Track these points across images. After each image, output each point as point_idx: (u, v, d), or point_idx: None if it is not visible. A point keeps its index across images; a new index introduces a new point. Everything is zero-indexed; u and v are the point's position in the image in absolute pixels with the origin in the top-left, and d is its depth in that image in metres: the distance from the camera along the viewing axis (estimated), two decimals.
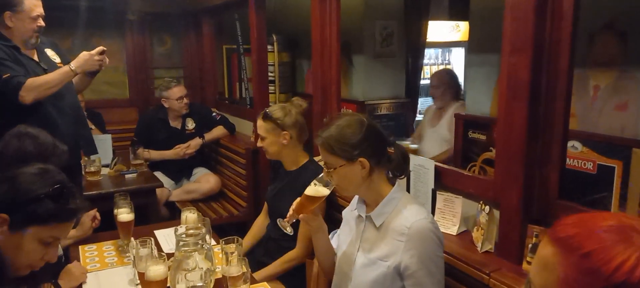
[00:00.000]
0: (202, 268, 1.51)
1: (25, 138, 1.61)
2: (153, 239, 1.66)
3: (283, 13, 4.09)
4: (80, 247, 2.01)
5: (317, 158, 1.55)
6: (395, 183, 1.54)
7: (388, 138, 1.56)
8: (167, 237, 2.13)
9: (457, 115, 2.87)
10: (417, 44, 3.55)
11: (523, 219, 1.52)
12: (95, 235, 2.11)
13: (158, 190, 3.13)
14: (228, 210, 3.50)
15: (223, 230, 2.84)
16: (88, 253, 1.97)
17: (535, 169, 1.51)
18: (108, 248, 2.03)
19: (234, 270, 1.48)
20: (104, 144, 3.39)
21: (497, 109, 1.63)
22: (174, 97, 3.58)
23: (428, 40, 3.65)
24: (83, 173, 3.02)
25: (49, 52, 2.61)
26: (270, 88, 3.80)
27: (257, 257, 2.26)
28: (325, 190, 1.50)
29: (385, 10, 3.50)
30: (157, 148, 3.64)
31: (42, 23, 2.45)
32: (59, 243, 1.25)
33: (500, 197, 1.58)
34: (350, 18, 3.29)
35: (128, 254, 1.90)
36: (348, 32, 3.13)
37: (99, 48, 2.47)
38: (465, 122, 2.95)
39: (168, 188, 3.55)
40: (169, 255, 1.61)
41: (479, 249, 1.63)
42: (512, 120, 1.51)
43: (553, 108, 1.46)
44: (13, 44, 2.40)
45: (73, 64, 2.40)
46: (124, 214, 1.93)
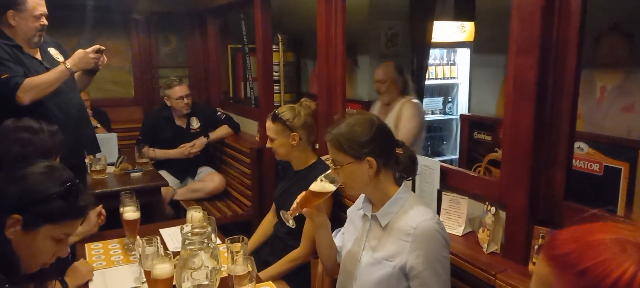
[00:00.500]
0: (208, 266, 1.51)
1: (18, 131, 1.68)
2: (159, 238, 1.66)
3: (288, 13, 4.10)
4: (87, 244, 2.01)
5: (324, 157, 1.55)
6: (402, 183, 1.54)
7: (397, 139, 1.56)
8: (172, 235, 2.14)
9: (462, 116, 2.87)
10: (422, 44, 3.55)
11: (529, 220, 1.51)
12: (101, 233, 2.12)
13: (163, 189, 3.14)
14: (232, 210, 3.51)
15: (227, 230, 2.85)
16: (94, 251, 1.98)
17: (542, 170, 1.51)
18: (114, 246, 2.04)
19: (240, 269, 1.48)
20: (110, 143, 3.40)
21: (503, 110, 1.62)
22: (175, 96, 3.59)
23: (433, 41, 3.64)
24: (89, 171, 3.04)
25: (53, 51, 2.61)
26: (275, 88, 3.81)
27: (262, 256, 2.26)
28: (331, 187, 1.50)
29: (391, 11, 3.50)
30: (162, 147, 3.66)
31: (45, 22, 2.46)
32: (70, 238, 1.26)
33: (506, 198, 1.58)
34: (356, 18, 3.29)
35: (134, 252, 1.91)
36: (353, 32, 3.13)
37: (95, 47, 2.47)
38: (471, 122, 2.95)
39: (173, 187, 3.56)
40: (175, 254, 1.61)
41: (485, 250, 1.63)
42: (518, 121, 1.51)
43: (560, 109, 1.46)
44: (16, 43, 2.41)
45: (68, 63, 2.40)
46: (130, 212, 1.94)
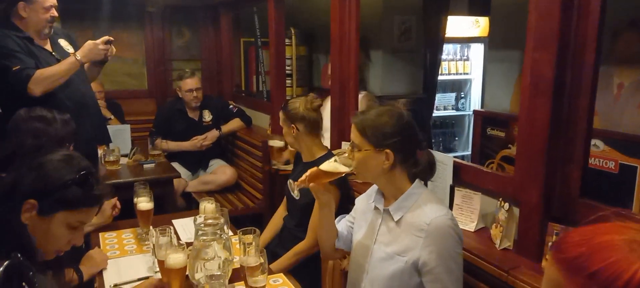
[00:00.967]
0: (220, 257, 1.52)
1: (30, 120, 1.70)
2: (172, 228, 1.68)
3: (301, 6, 4.09)
4: (101, 234, 2.04)
5: (336, 151, 1.55)
6: (415, 179, 1.53)
7: (421, 141, 1.54)
8: (184, 226, 2.16)
9: (476, 112, 2.85)
10: (435, 39, 3.52)
11: (543, 217, 1.50)
12: (115, 223, 2.14)
13: (175, 181, 3.17)
14: (244, 202, 3.53)
15: (239, 222, 2.86)
16: (108, 240, 2.00)
17: (557, 167, 1.49)
18: (127, 235, 2.06)
19: (252, 261, 1.49)
20: (123, 134, 3.43)
21: (517, 106, 1.61)
22: (185, 88, 3.62)
23: (447, 36, 3.61)
24: (102, 162, 3.07)
25: (63, 42, 2.63)
26: (287, 82, 3.81)
27: (271, 247, 2.27)
28: (344, 168, 1.49)
29: (404, 5, 3.48)
30: (174, 139, 3.68)
31: (55, 13, 2.47)
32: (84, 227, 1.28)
33: (521, 194, 1.57)
34: (369, 12, 3.27)
35: (147, 242, 1.93)
36: (366, 26, 3.12)
37: (104, 38, 2.48)
38: (484, 118, 2.93)
39: (185, 179, 3.59)
40: (187, 244, 1.62)
41: (498, 246, 1.62)
42: (534, 117, 1.49)
43: (577, 105, 1.44)
44: (27, 35, 2.43)
45: (78, 54, 2.42)
46: (144, 203, 1.96)
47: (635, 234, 0.59)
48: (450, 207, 1.85)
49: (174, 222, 2.18)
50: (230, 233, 1.92)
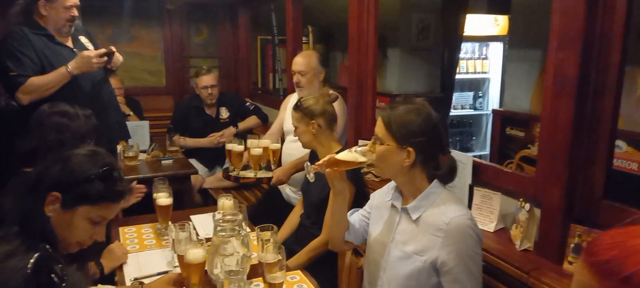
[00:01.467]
0: (239, 253, 1.54)
1: (53, 115, 1.73)
2: (192, 223, 1.69)
3: (318, 4, 4.09)
4: (121, 228, 2.07)
5: (352, 148, 1.54)
6: (435, 179, 1.52)
7: (446, 145, 1.52)
8: (202, 222, 2.17)
9: (495, 112, 2.82)
10: (454, 38, 3.48)
11: (565, 218, 1.48)
12: (135, 218, 2.18)
13: (192, 177, 3.20)
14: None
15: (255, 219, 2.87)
16: (128, 235, 2.03)
17: (580, 168, 1.47)
18: (147, 230, 2.09)
19: (271, 257, 1.50)
20: (142, 130, 3.48)
21: (538, 105, 1.59)
22: (201, 85, 3.64)
23: (465, 34, 3.58)
24: (122, 158, 3.11)
25: (83, 39, 2.67)
26: None
27: (287, 244, 2.27)
28: (362, 158, 1.47)
29: (423, 3, 3.45)
30: (192, 135, 3.72)
31: (75, 13, 2.50)
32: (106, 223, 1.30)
33: (542, 195, 1.55)
34: (387, 10, 3.26)
35: (166, 237, 1.95)
36: (384, 24, 3.10)
37: (101, 50, 2.49)
38: (503, 118, 2.89)
39: (202, 175, 3.62)
40: (206, 240, 1.64)
41: (518, 247, 1.60)
42: (557, 117, 1.47)
43: (601, 105, 1.41)
44: (47, 33, 2.47)
45: (70, 65, 2.42)
46: (163, 198, 1.99)
47: None
48: (469, 206, 1.83)
49: (192, 217, 2.20)
50: (248, 229, 1.93)
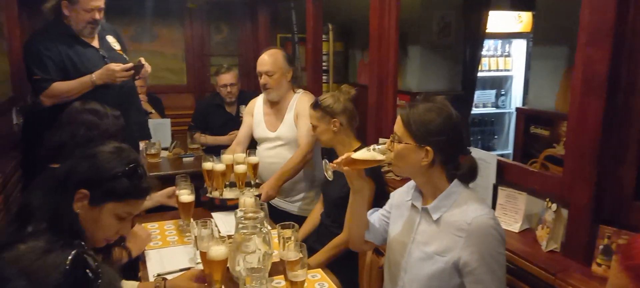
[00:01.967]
0: (260, 250, 1.54)
1: (84, 113, 1.79)
2: (214, 220, 1.71)
3: (338, 2, 4.08)
4: (144, 224, 2.10)
5: (371, 146, 1.53)
6: (455, 179, 1.49)
7: (466, 145, 1.50)
8: (223, 219, 2.19)
9: (518, 110, 2.76)
10: (476, 35, 3.43)
11: (593, 219, 1.44)
12: (158, 214, 2.21)
13: None
14: None
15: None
16: (151, 231, 2.06)
17: (609, 167, 1.43)
18: (169, 227, 2.11)
19: (292, 255, 1.50)
20: (164, 128, 3.53)
21: (563, 103, 1.55)
22: (220, 83, 3.65)
23: (487, 31, 3.52)
24: (144, 155, 3.16)
25: (110, 38, 2.69)
26: (323, 77, 3.81)
27: (308, 243, 2.27)
28: (380, 156, 1.45)
29: (444, 0, 3.41)
30: (212, 133, 3.74)
31: (97, 16, 2.50)
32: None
33: (569, 195, 1.51)
34: (408, 7, 3.22)
35: (188, 234, 1.97)
36: (404, 21, 3.07)
37: (128, 64, 2.53)
38: (527, 116, 2.84)
39: None
40: (228, 237, 1.65)
41: (544, 248, 1.57)
42: (585, 116, 1.43)
43: (632, 103, 1.37)
44: (72, 33, 2.50)
45: (95, 75, 2.47)
46: (185, 195, 2.00)
47: None
48: (493, 206, 1.80)
49: (214, 215, 2.22)
50: (269, 227, 1.93)
